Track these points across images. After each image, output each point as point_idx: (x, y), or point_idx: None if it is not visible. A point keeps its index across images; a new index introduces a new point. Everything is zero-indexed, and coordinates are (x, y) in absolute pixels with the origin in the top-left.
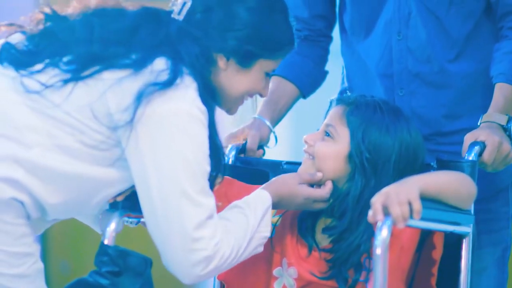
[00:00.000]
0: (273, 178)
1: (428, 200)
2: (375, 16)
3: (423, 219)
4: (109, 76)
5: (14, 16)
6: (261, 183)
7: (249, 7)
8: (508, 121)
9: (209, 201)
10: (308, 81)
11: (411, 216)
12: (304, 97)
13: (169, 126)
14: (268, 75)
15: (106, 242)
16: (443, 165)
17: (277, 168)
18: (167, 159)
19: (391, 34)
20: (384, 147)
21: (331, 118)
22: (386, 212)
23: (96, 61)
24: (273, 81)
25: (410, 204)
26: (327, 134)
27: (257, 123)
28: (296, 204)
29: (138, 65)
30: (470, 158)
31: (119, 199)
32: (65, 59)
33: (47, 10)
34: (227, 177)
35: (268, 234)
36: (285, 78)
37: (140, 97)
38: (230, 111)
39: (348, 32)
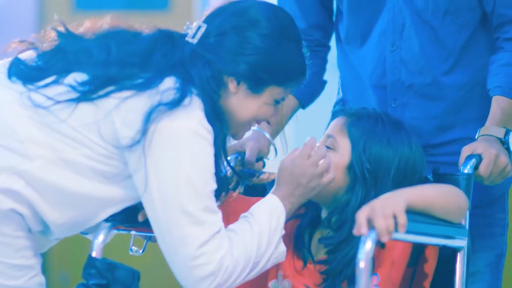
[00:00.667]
0: (278, 172)
1: (416, 214)
2: (370, 26)
3: (409, 232)
4: (117, 95)
5: (14, 27)
6: (258, 196)
7: (262, 33)
8: (505, 134)
9: (214, 218)
10: (306, 92)
11: (396, 230)
12: (303, 107)
13: (174, 144)
14: (277, 102)
15: (93, 254)
16: (439, 178)
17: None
18: (170, 178)
19: (385, 45)
20: (385, 159)
21: (332, 129)
22: (371, 225)
23: (110, 83)
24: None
25: (395, 217)
26: (327, 146)
27: (256, 135)
28: (304, 185)
29: (146, 85)
30: (466, 171)
31: None
32: (79, 78)
33: (60, 28)
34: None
35: (282, 232)
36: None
37: (149, 116)
38: (236, 136)
39: (343, 42)
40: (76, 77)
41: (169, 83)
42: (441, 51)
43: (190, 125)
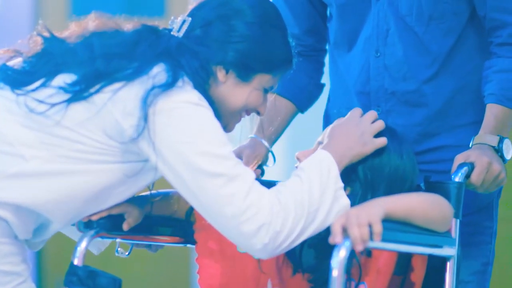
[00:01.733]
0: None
1: (395, 223)
2: (357, 32)
3: (387, 241)
4: (108, 89)
5: (10, 34)
6: None
7: (247, 21)
8: (499, 142)
9: (244, 170)
10: (303, 96)
11: (372, 238)
12: (302, 111)
13: (179, 118)
14: (266, 92)
15: (75, 262)
16: (430, 186)
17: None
18: (188, 151)
19: (370, 51)
20: (377, 166)
21: (323, 135)
22: (346, 234)
23: (100, 78)
24: (268, 99)
25: (370, 226)
26: None
27: (253, 143)
28: (356, 138)
29: (136, 73)
30: (457, 180)
31: (94, 218)
32: (68, 79)
33: (45, 33)
34: None
35: (338, 183)
36: (279, 95)
37: (145, 100)
38: (227, 127)
39: (333, 47)
40: (65, 78)
41: (159, 68)
42: (425, 57)
43: (189, 98)
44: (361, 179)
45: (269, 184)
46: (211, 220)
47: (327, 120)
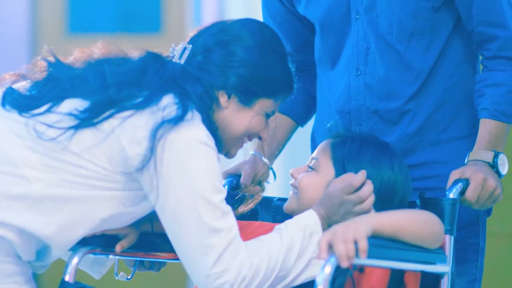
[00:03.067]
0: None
1: (384, 239)
2: (338, 50)
3: (374, 257)
4: (118, 116)
5: (7, 51)
6: (251, 219)
7: (247, 46)
8: (494, 157)
9: (230, 223)
10: (301, 110)
11: (357, 255)
12: (301, 125)
13: (185, 157)
14: (268, 117)
15: (66, 278)
16: (425, 203)
17: (269, 204)
18: (186, 192)
19: (351, 70)
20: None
21: (316, 151)
22: (332, 251)
23: (111, 106)
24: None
25: (356, 242)
26: (310, 167)
27: (253, 159)
28: (340, 215)
29: (146, 103)
30: (452, 196)
31: (88, 235)
32: (77, 105)
33: (50, 58)
34: None
35: (315, 253)
36: (278, 112)
37: (155, 133)
38: (230, 152)
39: (317, 64)
40: (74, 104)
41: (168, 100)
42: (407, 74)
43: (198, 136)
44: None
45: (268, 201)
46: (182, 257)
47: (313, 138)
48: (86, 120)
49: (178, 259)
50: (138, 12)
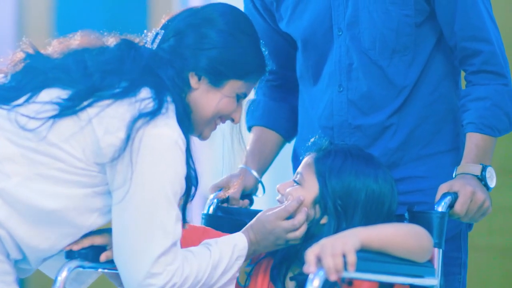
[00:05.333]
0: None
1: (372, 253)
2: (320, 67)
3: (363, 271)
4: (98, 104)
5: None
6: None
7: (218, 28)
8: (482, 170)
9: (178, 228)
10: (288, 126)
11: (346, 268)
12: (288, 141)
13: (157, 155)
14: (239, 98)
15: None
16: (413, 216)
17: None
18: (152, 188)
19: (334, 86)
20: (353, 192)
21: (301, 165)
22: (320, 264)
23: (92, 94)
24: (255, 132)
25: (345, 256)
26: (295, 181)
27: (242, 173)
28: (271, 241)
29: (124, 93)
30: (440, 209)
31: (75, 248)
32: (60, 94)
33: (29, 50)
34: (203, 226)
35: (236, 273)
36: (265, 127)
37: (132, 126)
38: (203, 134)
39: (299, 80)
40: (52, 93)
41: (146, 92)
42: (390, 90)
43: (171, 134)
44: (331, 210)
45: (256, 214)
46: (121, 252)
47: (295, 154)
48: (68, 108)
49: None
50: (125, 14)
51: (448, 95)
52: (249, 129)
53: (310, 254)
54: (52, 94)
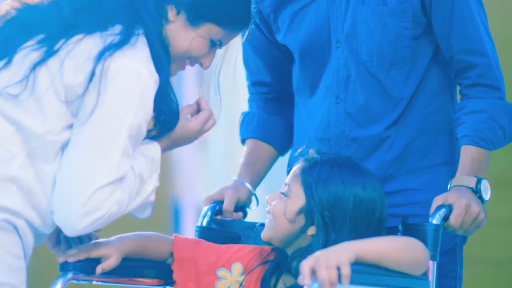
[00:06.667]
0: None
1: (366, 266)
2: (318, 78)
3: (356, 283)
4: (71, 40)
5: None
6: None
7: None
8: (477, 183)
9: (128, 164)
10: (282, 139)
11: (340, 281)
12: (282, 154)
13: (116, 85)
14: (213, 45)
15: None
16: (407, 228)
17: (251, 229)
18: (113, 116)
19: (331, 98)
20: (341, 202)
21: (289, 176)
22: (315, 276)
23: (67, 31)
24: (249, 144)
25: (339, 268)
26: (283, 193)
27: (236, 185)
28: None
29: (95, 28)
30: (435, 222)
31: (71, 260)
32: (38, 37)
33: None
34: (195, 238)
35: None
36: (259, 140)
37: (99, 57)
38: (169, 70)
39: (295, 92)
40: (37, 38)
41: (117, 28)
42: (388, 102)
43: (135, 66)
44: (319, 222)
45: (251, 226)
46: (64, 179)
47: (290, 166)
48: (46, 52)
49: (162, 285)
50: None
51: (444, 108)
52: (243, 141)
53: (305, 266)
54: (28, 45)
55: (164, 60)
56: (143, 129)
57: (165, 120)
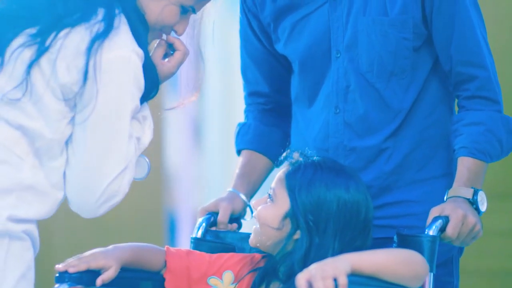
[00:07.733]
0: None
1: (364, 277)
2: (317, 88)
3: None
4: (60, 35)
5: None
6: None
7: None
8: (474, 194)
9: (132, 146)
10: (278, 151)
11: None
12: (277, 166)
13: (114, 75)
14: (185, 12)
15: None
16: (403, 240)
17: (246, 241)
18: (112, 107)
19: (330, 108)
20: (325, 205)
21: (274, 181)
22: None
23: (57, 23)
24: (244, 155)
25: (336, 279)
26: (270, 197)
27: (230, 196)
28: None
29: (80, 19)
30: (431, 233)
31: (71, 270)
32: (30, 31)
33: None
34: (187, 249)
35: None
36: (255, 151)
37: (89, 53)
38: None
39: (293, 102)
40: (30, 31)
41: (99, 15)
42: (387, 113)
43: (124, 54)
44: (302, 226)
45: (245, 237)
46: (79, 171)
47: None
48: (38, 50)
49: None
50: None
51: (443, 120)
52: (238, 152)
53: (301, 279)
54: (20, 41)
55: (142, 32)
56: (139, 105)
57: (147, 87)
